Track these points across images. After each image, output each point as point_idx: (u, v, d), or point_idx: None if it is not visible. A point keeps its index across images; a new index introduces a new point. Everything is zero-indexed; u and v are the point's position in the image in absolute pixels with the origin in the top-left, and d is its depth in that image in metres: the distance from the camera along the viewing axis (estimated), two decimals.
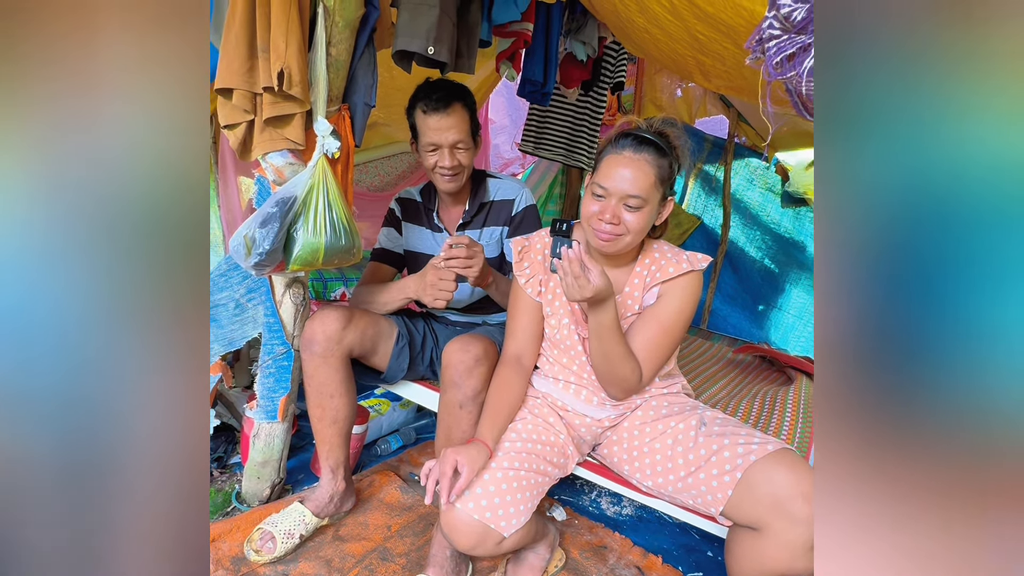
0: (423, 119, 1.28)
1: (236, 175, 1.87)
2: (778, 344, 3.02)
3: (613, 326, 0.96)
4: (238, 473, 1.48)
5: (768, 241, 3.12)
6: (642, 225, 0.97)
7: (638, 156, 0.95)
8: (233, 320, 1.40)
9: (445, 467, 0.91)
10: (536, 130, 2.57)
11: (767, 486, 0.85)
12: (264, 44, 1.07)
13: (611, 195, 0.96)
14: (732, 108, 2.99)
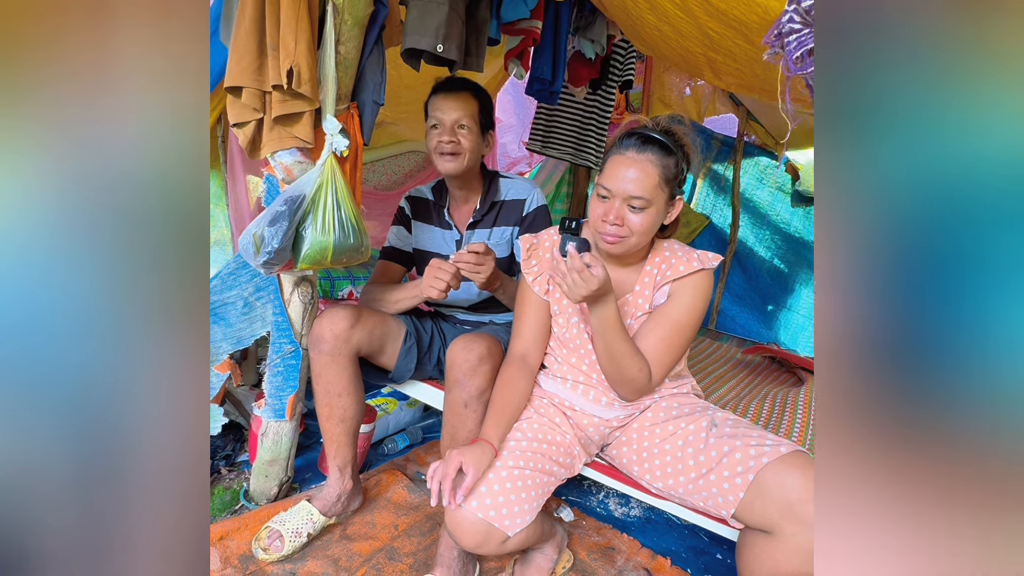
0: (432, 101, 1.32)
1: (245, 173, 1.87)
2: (788, 345, 2.99)
3: (616, 323, 0.95)
4: (246, 471, 1.49)
5: (778, 241, 3.09)
6: (647, 226, 0.96)
7: (641, 156, 0.94)
8: (241, 318, 1.40)
9: (449, 468, 0.90)
10: (544, 129, 2.56)
11: (780, 489, 0.84)
12: (274, 42, 1.07)
13: (615, 196, 0.95)
14: (742, 106, 2.96)
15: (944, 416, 0.48)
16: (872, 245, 0.51)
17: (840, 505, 0.52)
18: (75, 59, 0.49)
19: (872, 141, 0.50)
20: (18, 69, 0.48)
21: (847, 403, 0.52)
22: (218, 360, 1.41)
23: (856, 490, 0.51)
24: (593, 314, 0.96)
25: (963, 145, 0.47)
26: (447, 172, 1.32)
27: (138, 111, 0.52)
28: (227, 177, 1.94)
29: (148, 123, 0.53)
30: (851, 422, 0.52)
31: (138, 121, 0.52)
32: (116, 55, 0.51)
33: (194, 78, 0.55)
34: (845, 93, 0.50)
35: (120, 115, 0.51)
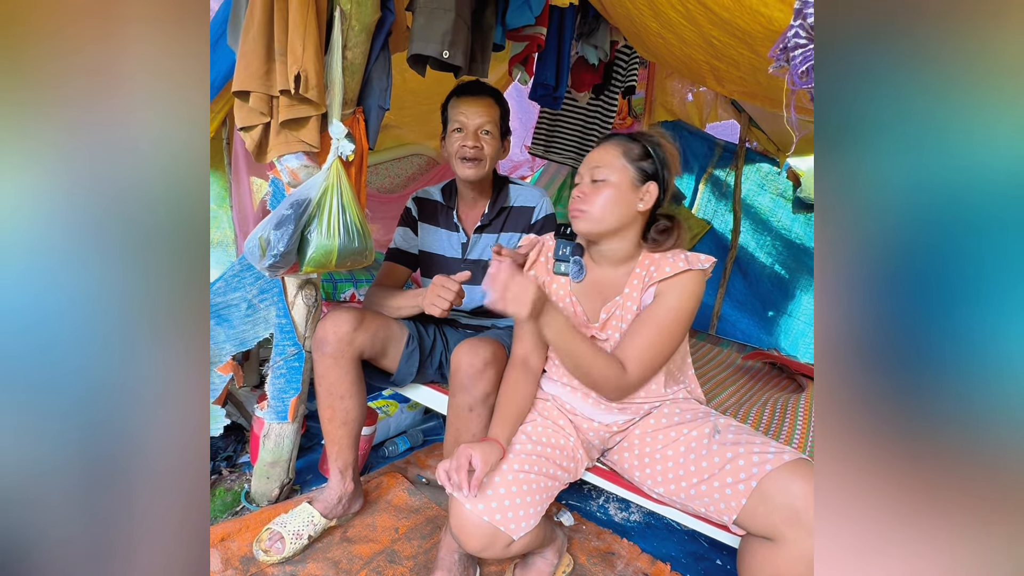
0: (454, 104, 1.32)
1: (249, 175, 1.88)
2: (788, 351, 3.00)
3: (567, 326, 0.97)
4: (247, 473, 1.49)
5: (779, 247, 3.10)
6: (610, 200, 1.01)
7: (606, 142, 1.07)
8: (245, 320, 1.41)
9: (461, 460, 0.91)
10: (547, 133, 2.57)
11: (783, 496, 0.84)
12: (281, 48, 1.08)
13: (583, 177, 1.05)
14: (743, 113, 2.98)
15: (944, 423, 0.48)
16: (871, 252, 0.51)
17: (839, 511, 0.52)
18: (83, 58, 0.50)
19: (871, 148, 0.50)
20: (27, 67, 0.48)
21: (846, 410, 0.52)
22: (221, 361, 1.41)
23: (855, 496, 0.52)
24: (544, 328, 0.96)
25: (961, 152, 0.47)
26: (467, 177, 1.33)
27: (143, 113, 0.52)
28: (231, 179, 1.95)
29: (152, 125, 0.53)
30: (850, 429, 0.52)
31: (143, 123, 0.53)
32: (123, 55, 0.51)
33: (196, 80, 0.55)
34: (844, 101, 0.51)
35: (125, 116, 0.52)
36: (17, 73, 0.48)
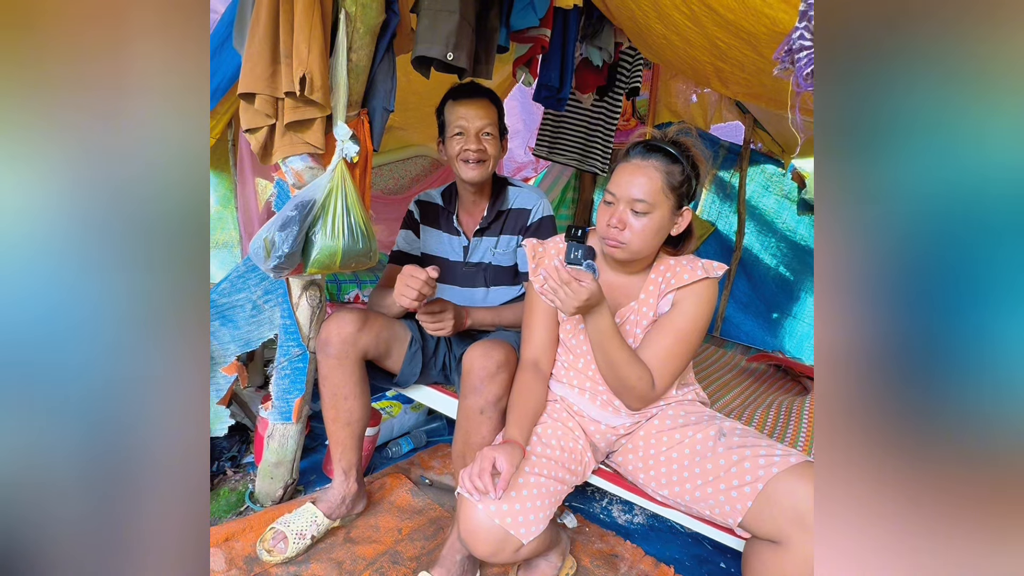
0: (452, 107, 1.31)
1: (254, 177, 1.89)
2: (793, 353, 2.98)
3: (611, 331, 0.96)
4: (251, 473, 1.49)
5: (783, 248, 3.08)
6: (649, 231, 0.97)
7: (646, 162, 0.98)
8: (250, 321, 1.41)
9: (484, 464, 0.89)
10: (551, 135, 2.57)
11: (790, 498, 0.84)
12: (287, 50, 1.08)
13: (619, 200, 0.98)
14: (748, 114, 2.97)
15: (945, 426, 0.48)
16: (871, 256, 0.51)
17: (839, 514, 0.52)
18: (90, 65, 0.50)
19: (871, 151, 0.50)
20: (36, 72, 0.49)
21: (847, 413, 0.52)
22: (226, 362, 1.42)
23: (855, 499, 0.51)
24: (588, 325, 0.97)
25: (963, 155, 0.47)
26: (471, 180, 1.32)
27: (146, 117, 0.53)
28: (236, 180, 1.96)
29: (154, 129, 0.53)
30: (851, 432, 0.52)
31: (146, 126, 0.53)
32: (128, 62, 0.52)
33: (196, 84, 0.56)
34: (844, 104, 0.51)
35: (129, 120, 0.52)
36: (26, 78, 0.48)
